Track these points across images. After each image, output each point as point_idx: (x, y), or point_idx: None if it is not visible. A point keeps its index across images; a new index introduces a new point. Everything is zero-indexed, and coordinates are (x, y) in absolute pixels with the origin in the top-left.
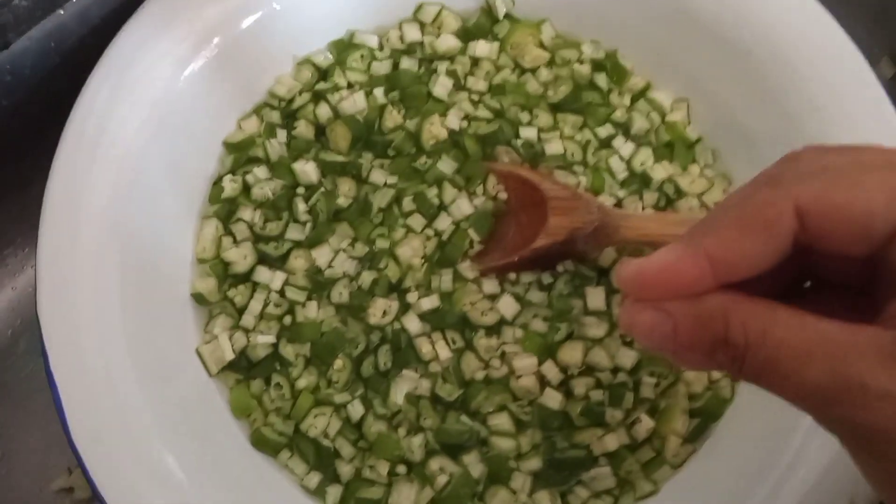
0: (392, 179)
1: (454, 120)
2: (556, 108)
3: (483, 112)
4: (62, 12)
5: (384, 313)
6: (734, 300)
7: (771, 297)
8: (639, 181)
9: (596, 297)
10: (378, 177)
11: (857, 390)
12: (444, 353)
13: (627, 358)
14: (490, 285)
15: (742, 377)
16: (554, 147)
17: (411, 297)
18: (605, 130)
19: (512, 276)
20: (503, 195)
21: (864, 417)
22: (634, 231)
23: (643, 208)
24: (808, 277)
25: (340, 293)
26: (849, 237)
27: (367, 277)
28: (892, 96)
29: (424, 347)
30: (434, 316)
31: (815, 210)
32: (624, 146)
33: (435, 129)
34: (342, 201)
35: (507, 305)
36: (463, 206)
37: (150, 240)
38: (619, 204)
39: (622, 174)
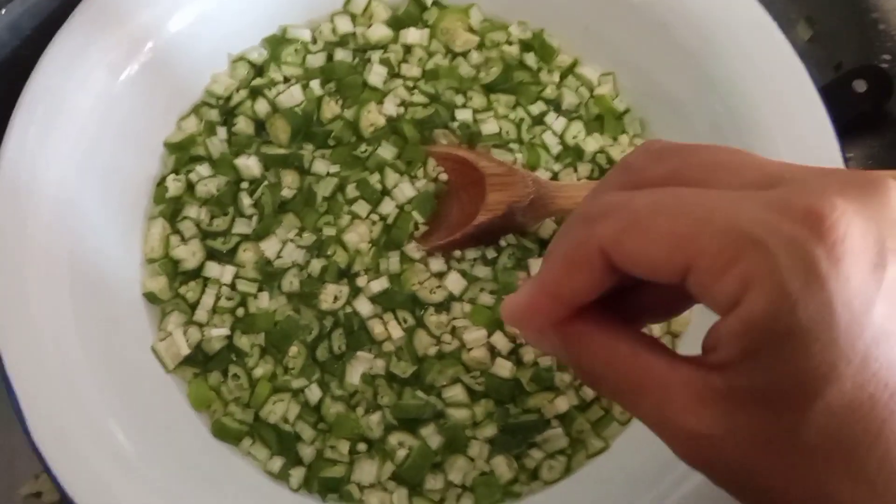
0: (334, 168)
1: (391, 107)
2: (488, 89)
3: (419, 97)
4: None
5: (335, 298)
6: (584, 333)
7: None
8: (573, 154)
9: (538, 267)
10: (320, 167)
11: (673, 430)
12: (397, 332)
13: None
14: (437, 264)
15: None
16: (490, 127)
17: (361, 281)
18: (537, 108)
19: (457, 253)
20: (444, 177)
21: (684, 456)
22: (569, 200)
23: (578, 179)
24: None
25: (291, 282)
26: (648, 275)
27: (316, 265)
28: (809, 58)
29: (377, 328)
30: (384, 297)
31: (613, 252)
32: (556, 122)
33: (372, 117)
34: (287, 193)
35: (454, 282)
36: (405, 190)
37: (98, 243)
38: (555, 177)
39: (556, 148)
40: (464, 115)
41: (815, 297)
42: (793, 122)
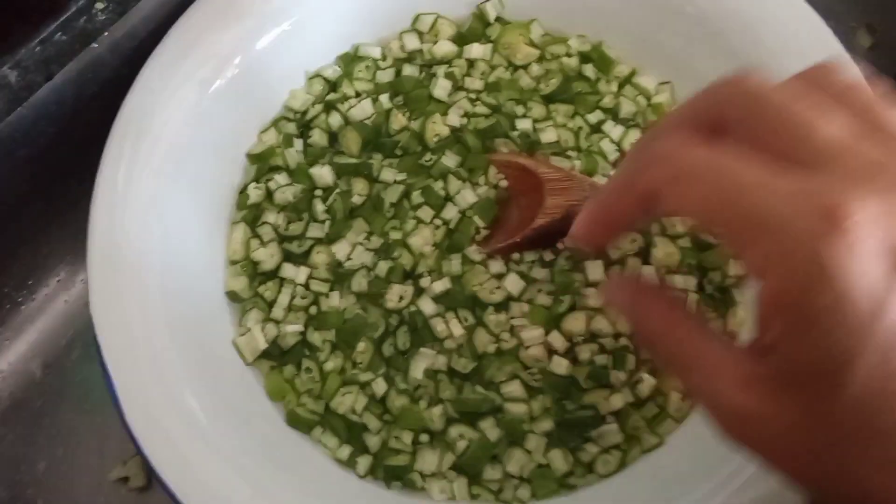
0: (401, 176)
1: (454, 118)
2: (548, 100)
3: (481, 108)
4: (96, 45)
5: (400, 298)
6: (651, 305)
7: None
8: None
9: (595, 269)
10: (388, 175)
11: (721, 406)
12: (458, 330)
13: (627, 323)
14: (496, 266)
15: None
16: (549, 135)
17: (424, 282)
18: (594, 117)
19: (516, 255)
20: (504, 183)
21: (727, 430)
22: None
23: None
24: None
25: (360, 283)
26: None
27: (383, 266)
28: (871, 65)
29: (439, 326)
30: (446, 297)
31: (655, 196)
32: (613, 129)
33: (437, 128)
34: (356, 199)
35: (513, 283)
36: (467, 196)
37: (187, 246)
38: None
39: (613, 155)
40: (524, 124)
41: (829, 288)
42: None
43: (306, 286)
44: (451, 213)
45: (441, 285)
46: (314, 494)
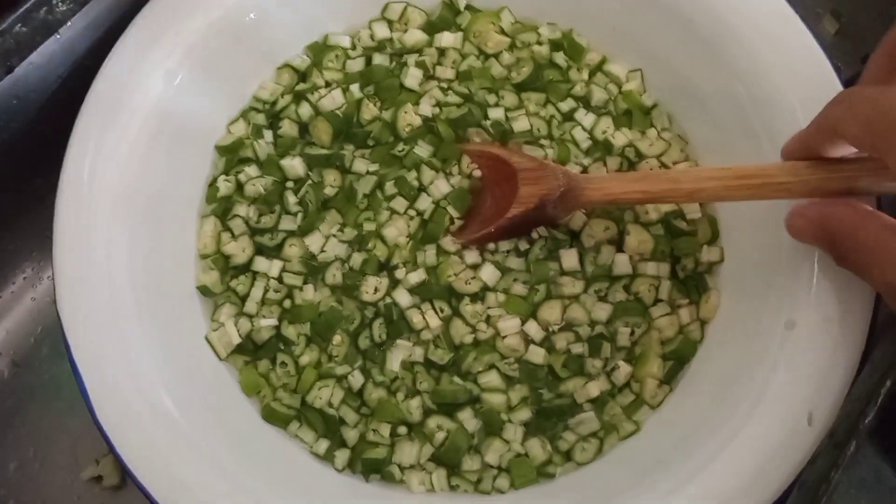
0: (374, 167)
1: (426, 107)
2: (520, 88)
3: (453, 98)
4: (59, 36)
5: (375, 290)
6: (842, 208)
7: None
8: (602, 148)
9: (570, 258)
10: (360, 166)
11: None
12: (434, 321)
13: (602, 311)
14: (471, 256)
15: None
16: (521, 124)
17: (399, 274)
18: (566, 105)
19: (491, 245)
20: (477, 173)
21: None
22: (598, 192)
23: (607, 172)
24: None
25: (334, 275)
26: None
27: (357, 258)
28: (835, 51)
29: (415, 318)
30: (422, 288)
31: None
32: (585, 117)
33: (409, 118)
34: (329, 191)
35: (489, 273)
36: (441, 186)
37: (155, 239)
38: (584, 170)
39: (586, 143)
40: (496, 113)
41: None
42: (812, 99)
43: (279, 279)
44: (424, 203)
45: (416, 276)
46: (292, 489)
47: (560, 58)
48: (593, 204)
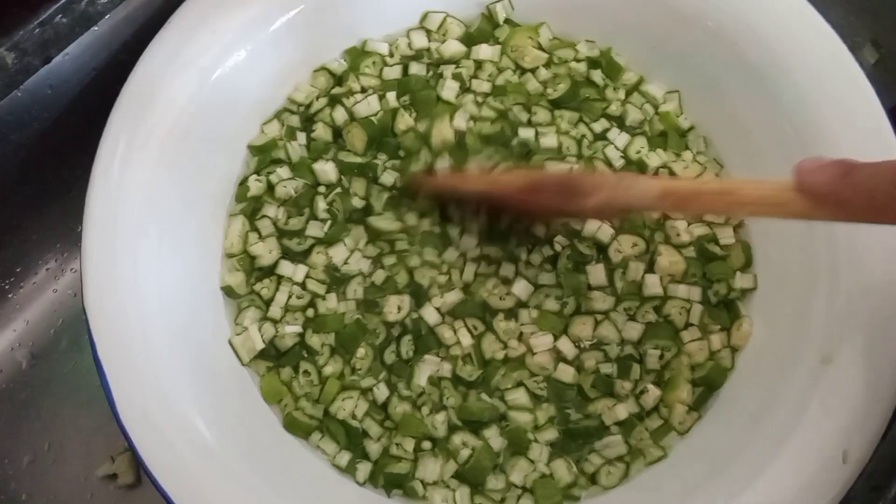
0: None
1: (461, 122)
2: (555, 105)
3: (487, 112)
4: (97, 29)
5: (399, 309)
6: None
7: None
8: (635, 168)
9: (597, 273)
10: (387, 178)
11: None
12: (466, 339)
13: (634, 330)
14: (506, 269)
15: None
16: (549, 140)
17: (436, 301)
18: (599, 125)
19: (523, 256)
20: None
21: None
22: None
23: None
24: None
25: (355, 290)
26: None
27: (380, 275)
28: (876, 80)
29: (446, 333)
30: (456, 308)
31: None
32: (619, 137)
33: (445, 131)
34: (356, 202)
35: (522, 288)
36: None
37: (183, 236)
38: None
39: (619, 162)
40: (526, 133)
41: None
42: (861, 144)
43: (303, 286)
44: (452, 255)
45: (453, 296)
46: (311, 501)
47: (597, 76)
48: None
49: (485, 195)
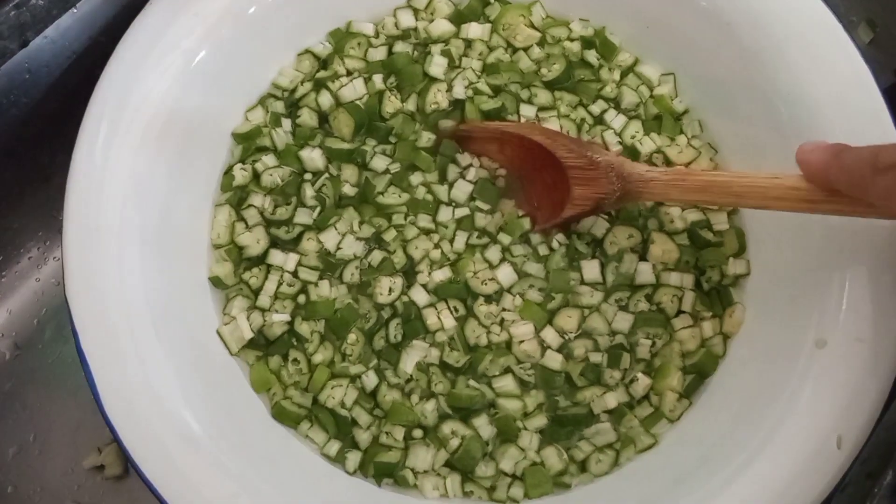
0: (394, 167)
1: (459, 89)
2: (550, 86)
3: (484, 87)
4: (75, 11)
5: (390, 290)
6: None
7: None
8: (629, 153)
9: (591, 269)
10: (379, 163)
11: None
12: (449, 321)
13: (624, 321)
14: (492, 252)
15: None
16: (552, 125)
17: (422, 277)
18: (597, 107)
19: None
20: (502, 172)
21: None
22: (656, 195)
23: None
24: None
25: (352, 273)
26: None
27: (377, 256)
28: (870, 60)
29: (431, 318)
30: (440, 287)
31: None
32: (616, 119)
33: (439, 97)
34: (348, 189)
35: (505, 274)
36: (462, 188)
37: (168, 226)
38: None
39: (615, 147)
40: (528, 110)
41: None
42: (856, 126)
43: (295, 274)
44: (445, 215)
45: (441, 274)
46: (302, 491)
47: (591, 56)
48: (646, 200)
49: (504, 134)
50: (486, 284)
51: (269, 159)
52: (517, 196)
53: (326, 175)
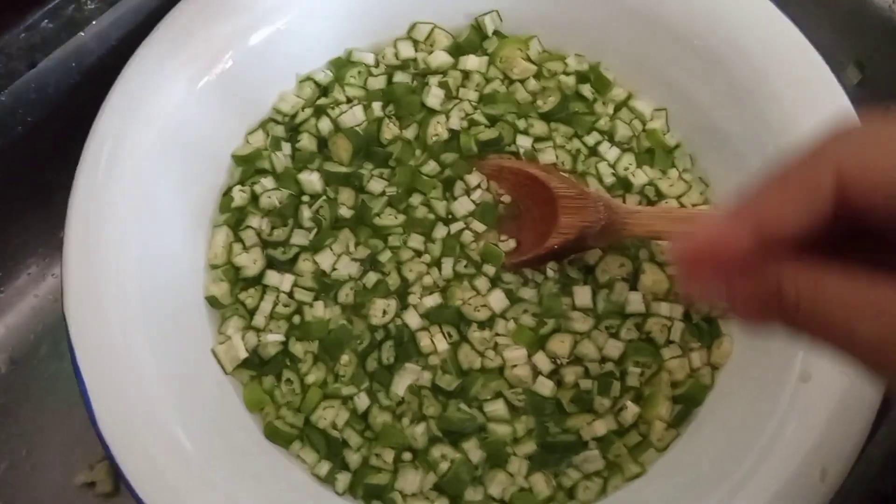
0: (391, 190)
1: (455, 120)
2: (546, 118)
3: (481, 118)
4: (83, 34)
5: (384, 313)
6: (787, 262)
7: (826, 252)
8: (622, 185)
9: (583, 295)
10: (376, 186)
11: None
12: (442, 345)
13: (614, 349)
14: (482, 282)
15: (795, 331)
16: (547, 156)
17: (413, 299)
18: (592, 139)
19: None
20: (507, 198)
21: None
22: (641, 227)
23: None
24: (865, 233)
25: (347, 294)
26: (889, 198)
27: (372, 277)
28: (858, 101)
29: (424, 341)
30: (433, 312)
31: (855, 173)
32: (609, 151)
33: (439, 128)
34: (344, 211)
35: (498, 300)
36: (464, 204)
37: (166, 246)
38: None
39: (609, 179)
40: (524, 141)
41: None
42: None
43: (290, 294)
44: (440, 232)
45: (432, 300)
46: None
47: (586, 90)
48: (633, 236)
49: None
50: (478, 311)
51: (267, 182)
52: (507, 225)
53: (324, 198)
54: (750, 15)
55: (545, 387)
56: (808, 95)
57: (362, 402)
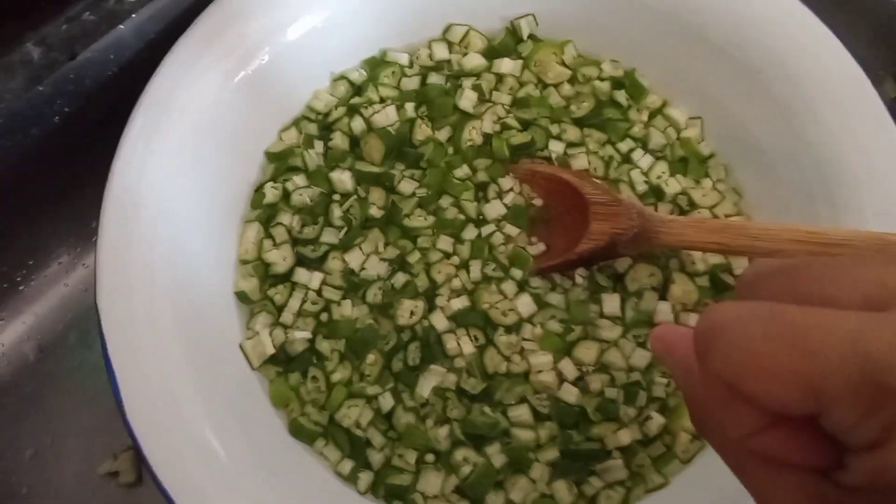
0: (421, 191)
1: (488, 124)
2: (579, 123)
3: (513, 122)
4: (123, 27)
5: (411, 314)
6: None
7: None
8: (654, 193)
9: (612, 302)
10: (406, 187)
11: None
12: (468, 348)
13: (641, 359)
14: (509, 286)
15: None
16: (580, 162)
17: (440, 300)
18: (625, 145)
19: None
20: (538, 202)
21: None
22: (674, 237)
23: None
24: None
25: (375, 294)
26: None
27: (400, 278)
28: (894, 115)
29: (450, 343)
30: (460, 315)
31: (737, 387)
32: (643, 159)
33: (473, 134)
34: (374, 211)
35: (525, 305)
36: (496, 207)
37: (197, 240)
38: None
39: (642, 186)
40: (557, 146)
41: None
42: (882, 182)
43: (319, 292)
44: (470, 233)
45: (459, 303)
46: None
47: (621, 96)
48: (667, 247)
49: (536, 174)
50: (505, 315)
51: (299, 179)
52: (538, 229)
53: (354, 197)
54: (790, 25)
55: (570, 394)
56: (848, 111)
57: (386, 402)
